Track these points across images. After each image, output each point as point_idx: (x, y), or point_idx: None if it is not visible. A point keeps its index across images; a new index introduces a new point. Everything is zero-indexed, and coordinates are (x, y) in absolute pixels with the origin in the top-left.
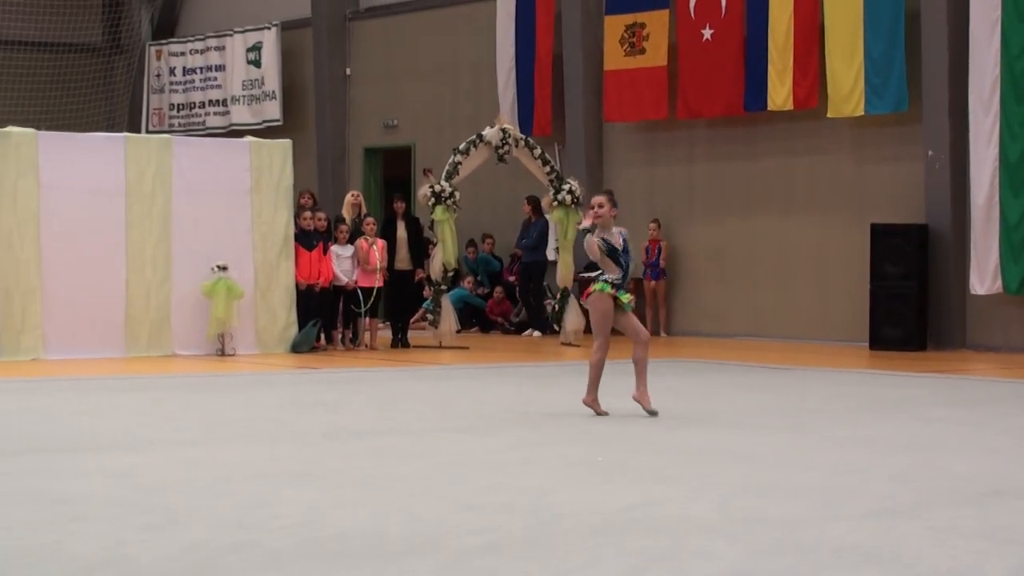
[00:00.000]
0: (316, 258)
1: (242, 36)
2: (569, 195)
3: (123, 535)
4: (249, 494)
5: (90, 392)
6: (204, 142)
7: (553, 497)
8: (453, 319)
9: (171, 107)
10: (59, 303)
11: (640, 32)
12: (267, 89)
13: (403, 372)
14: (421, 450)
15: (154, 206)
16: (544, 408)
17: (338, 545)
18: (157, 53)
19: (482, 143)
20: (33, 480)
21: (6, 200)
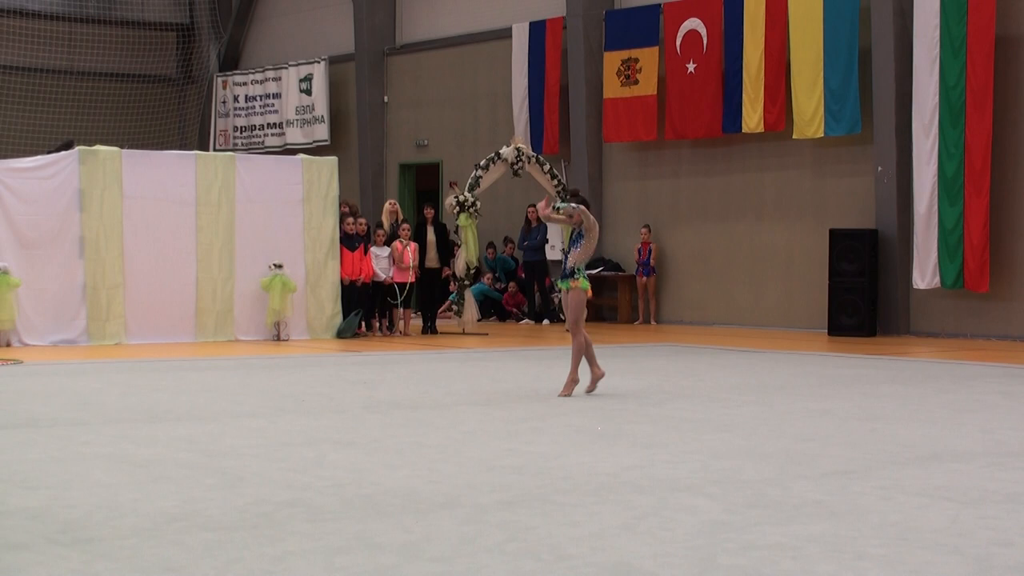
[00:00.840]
0: (358, 258)
1: (296, 68)
2: None
3: (194, 493)
4: (300, 458)
5: (165, 372)
6: (263, 159)
7: (560, 461)
8: (475, 310)
9: (235, 129)
10: (139, 296)
11: (634, 66)
12: (317, 114)
13: (432, 355)
14: (447, 421)
15: (220, 214)
16: (552, 385)
17: (375, 502)
18: (223, 83)
19: (499, 160)
20: (117, 447)
21: (94, 208)
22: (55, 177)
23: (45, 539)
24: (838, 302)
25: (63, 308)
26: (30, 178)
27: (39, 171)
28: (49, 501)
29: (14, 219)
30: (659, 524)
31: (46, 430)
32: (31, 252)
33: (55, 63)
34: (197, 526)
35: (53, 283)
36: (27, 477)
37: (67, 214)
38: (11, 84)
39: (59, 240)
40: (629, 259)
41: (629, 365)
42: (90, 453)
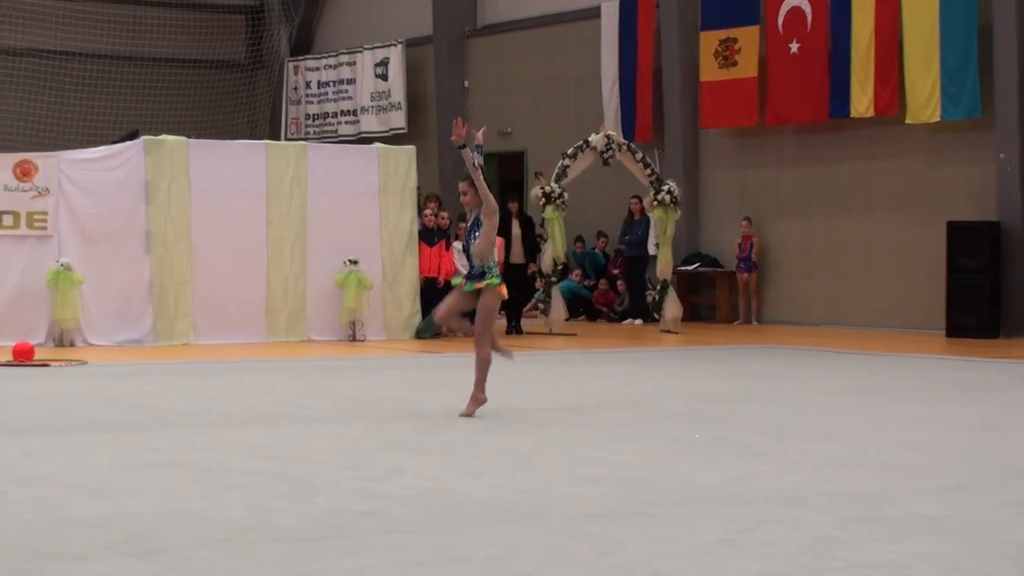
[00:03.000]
0: (437, 253)
1: (371, 52)
2: (668, 195)
3: (266, 502)
4: (377, 466)
5: (235, 373)
6: (336, 148)
7: (654, 470)
8: (562, 308)
9: (307, 117)
10: (207, 293)
11: (733, 46)
12: (393, 100)
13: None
14: (533, 427)
15: (292, 206)
16: (645, 389)
17: (458, 512)
18: (295, 68)
19: (588, 148)
20: (184, 453)
21: (160, 201)
22: (120, 169)
23: (109, 549)
24: (957, 301)
25: (128, 306)
26: (94, 170)
27: (103, 162)
28: (113, 509)
29: (77, 213)
30: (762, 539)
31: (110, 435)
32: (95, 248)
33: (120, 49)
34: (269, 537)
35: (118, 280)
36: (90, 484)
37: (132, 207)
38: (74, 71)
39: (124, 235)
40: (728, 254)
41: (729, 368)
42: (156, 459)
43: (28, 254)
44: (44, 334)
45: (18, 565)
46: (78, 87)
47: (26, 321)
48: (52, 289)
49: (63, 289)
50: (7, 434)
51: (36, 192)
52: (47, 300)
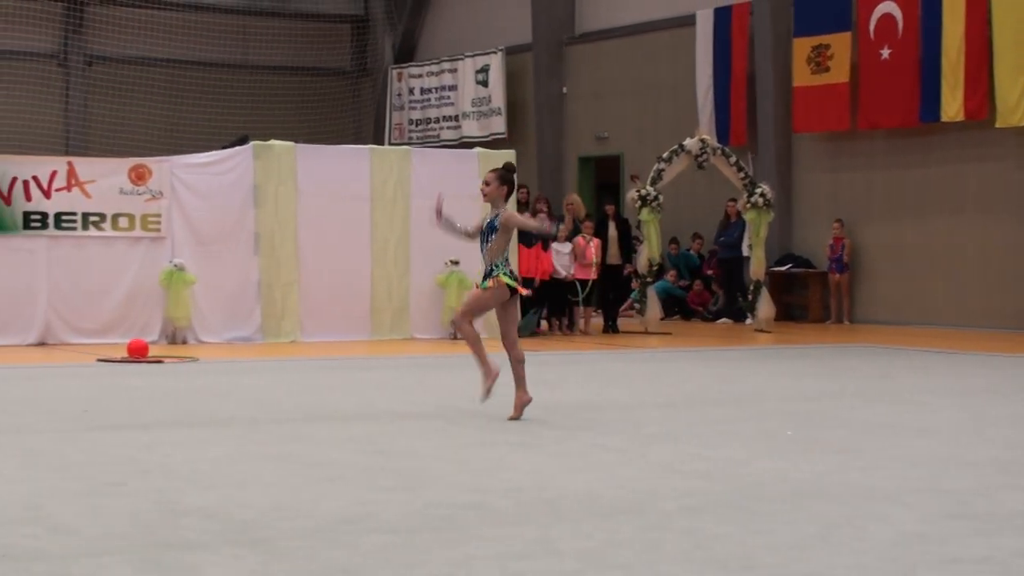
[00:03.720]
0: (535, 254)
1: (472, 59)
2: (761, 198)
3: (370, 494)
4: (478, 460)
5: (340, 370)
6: (438, 153)
7: (749, 466)
8: (658, 308)
9: (410, 122)
10: (313, 293)
11: (825, 52)
12: (493, 106)
13: (613, 355)
14: (630, 423)
15: (395, 209)
16: (739, 387)
17: (556, 506)
18: (398, 75)
19: (683, 152)
20: (291, 446)
21: (268, 204)
22: (230, 173)
23: (221, 539)
24: None
25: (238, 305)
26: (205, 174)
27: (214, 167)
28: (224, 500)
29: (189, 215)
30: (854, 534)
31: (221, 429)
32: (206, 248)
33: (230, 57)
34: (373, 528)
35: (228, 280)
36: (203, 476)
37: (242, 210)
38: (186, 79)
39: (234, 236)
40: (820, 255)
41: (821, 366)
42: (265, 453)
43: (142, 255)
44: (158, 332)
45: (137, 554)
46: (190, 94)
47: (140, 319)
48: (165, 289)
49: (176, 289)
50: (123, 428)
51: (150, 195)
52: (160, 299)
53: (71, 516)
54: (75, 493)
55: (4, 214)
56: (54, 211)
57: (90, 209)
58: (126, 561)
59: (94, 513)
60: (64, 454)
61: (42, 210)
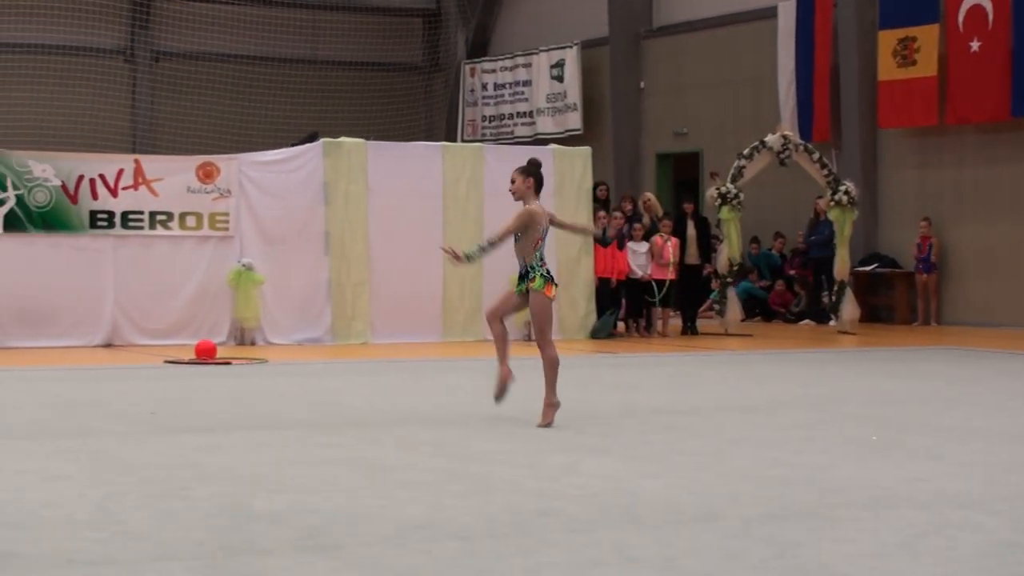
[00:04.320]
0: (611, 254)
1: (547, 54)
2: (845, 196)
3: (442, 500)
4: (553, 465)
5: (412, 372)
6: (512, 150)
7: (831, 472)
8: (738, 309)
9: (483, 119)
10: (384, 293)
11: (912, 45)
12: (569, 101)
13: (692, 357)
14: (709, 428)
15: (468, 207)
16: (822, 390)
17: (633, 513)
18: (471, 70)
19: (764, 148)
20: (361, 450)
21: (338, 202)
22: (300, 170)
23: (290, 545)
24: None
25: (308, 306)
26: (274, 171)
27: (283, 164)
28: (293, 505)
29: (258, 214)
30: (940, 543)
31: (291, 432)
32: (275, 248)
33: (299, 53)
34: (445, 534)
35: (298, 280)
36: (272, 480)
37: (312, 208)
38: (254, 75)
39: (304, 235)
40: (907, 255)
41: (908, 369)
42: (334, 456)
43: (210, 255)
44: (226, 333)
45: (205, 560)
46: (259, 90)
47: (208, 320)
48: (234, 289)
49: (244, 289)
50: (191, 431)
51: (218, 194)
52: (229, 300)
53: (139, 521)
54: (143, 497)
55: (70, 213)
56: (121, 210)
57: (157, 208)
58: (194, 567)
59: (162, 518)
60: (132, 458)
61: (109, 209)
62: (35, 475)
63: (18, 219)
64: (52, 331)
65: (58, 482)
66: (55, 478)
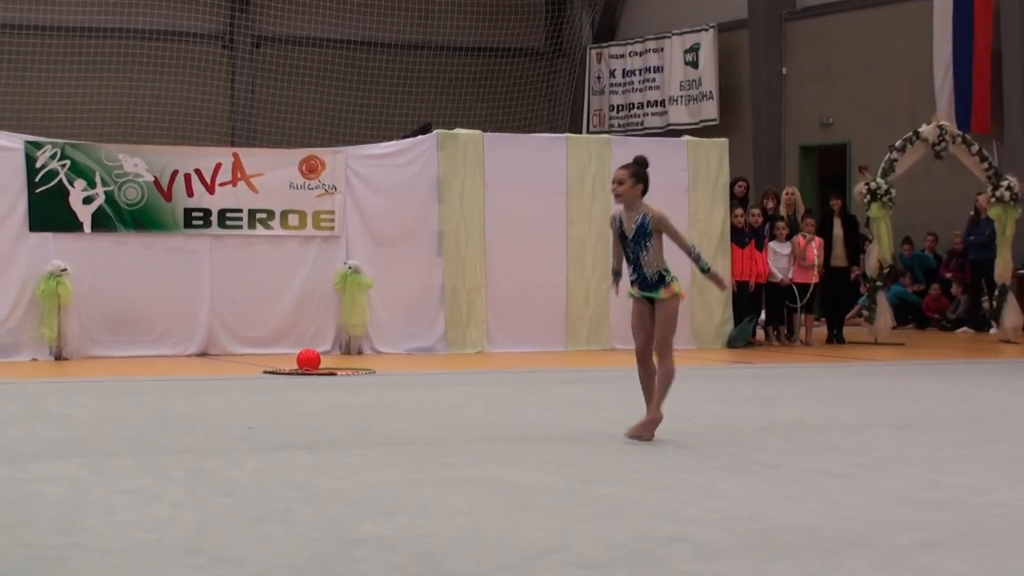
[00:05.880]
0: (748, 255)
1: (680, 38)
2: (1007, 192)
3: (566, 524)
4: (686, 486)
5: (533, 384)
6: (642, 142)
7: (993, 495)
8: (889, 315)
9: (611, 108)
10: (503, 299)
11: None
12: (704, 89)
13: (838, 368)
14: (857, 446)
15: (594, 205)
16: (983, 405)
17: (773, 539)
18: (597, 56)
19: (918, 140)
20: (479, 469)
21: (453, 199)
22: (411, 165)
23: (400, 572)
24: None
25: (419, 312)
26: (384, 166)
27: (394, 158)
28: (404, 529)
29: (366, 212)
30: None
31: (401, 449)
32: (384, 249)
33: (411, 37)
34: (569, 562)
35: (408, 284)
36: (381, 502)
37: (424, 206)
38: (363, 61)
39: (415, 235)
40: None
41: None
42: (450, 476)
43: (314, 256)
44: (331, 341)
45: None
46: (367, 78)
47: (312, 328)
48: (340, 293)
49: (351, 293)
50: (293, 448)
51: (323, 190)
52: (334, 305)
53: (238, 545)
54: (242, 520)
55: (163, 211)
56: (218, 208)
57: (257, 205)
58: None
59: (262, 542)
60: (229, 476)
61: (205, 206)
62: (127, 495)
63: (107, 217)
64: (143, 339)
65: (151, 503)
66: (148, 498)
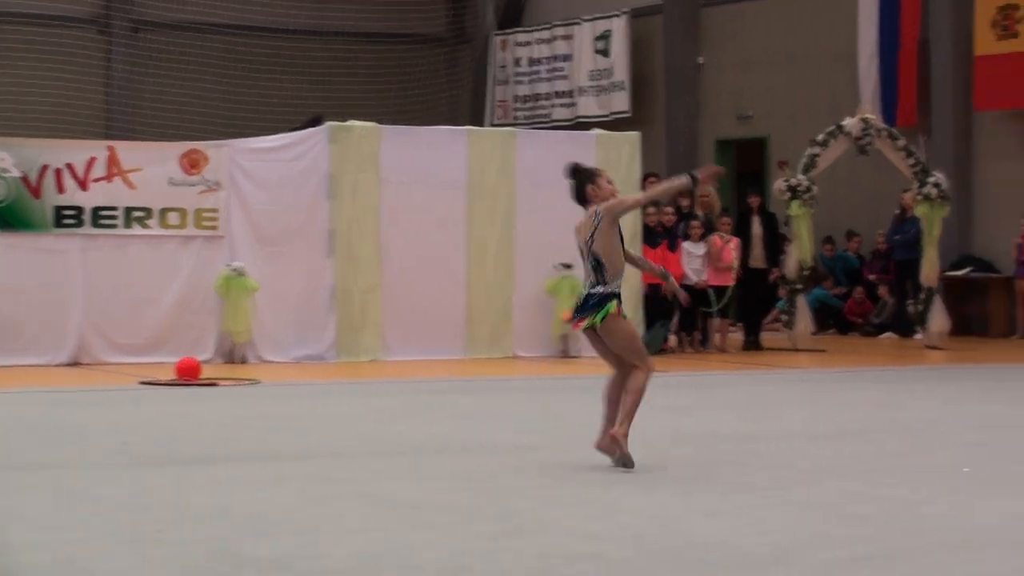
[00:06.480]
0: (660, 256)
1: (590, 24)
2: (934, 189)
3: (470, 543)
4: (593, 501)
5: (430, 395)
6: (549, 135)
7: (918, 509)
8: (809, 320)
9: (516, 99)
10: (398, 303)
11: (1014, 14)
12: (615, 79)
13: (756, 376)
14: (779, 457)
15: (496, 201)
16: (907, 414)
17: (685, 557)
18: (502, 43)
19: (842, 134)
20: (374, 485)
21: (346, 195)
22: (301, 159)
23: None
24: None
25: (308, 317)
26: (271, 160)
27: (282, 152)
28: (292, 550)
29: (252, 210)
30: None
31: (288, 464)
32: (271, 250)
33: (302, 23)
34: None
35: (297, 287)
36: (266, 521)
37: (314, 203)
38: (251, 49)
39: (304, 235)
40: (1005, 257)
41: (1005, 390)
42: (342, 492)
43: (195, 257)
44: (212, 349)
45: None
46: (255, 67)
47: (192, 334)
48: (222, 297)
49: (235, 297)
50: (171, 463)
51: (205, 187)
52: (216, 310)
53: (109, 569)
54: (115, 541)
55: (32, 209)
56: (91, 205)
57: (134, 203)
58: None
59: (138, 566)
60: (101, 494)
61: (77, 204)
62: None
63: None
64: (8, 347)
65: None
66: (10, 518)
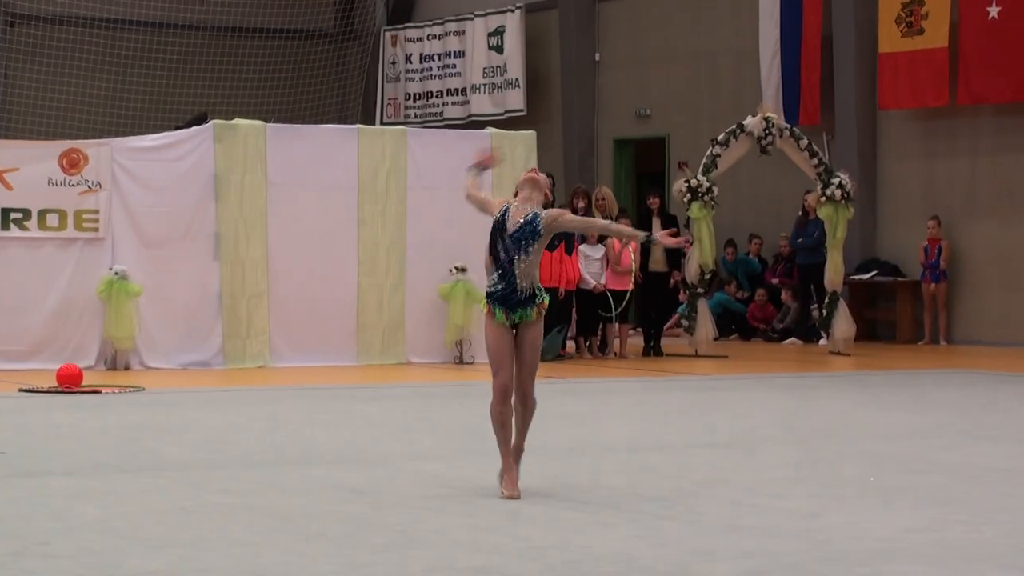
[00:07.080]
0: (556, 259)
1: (483, 20)
2: (839, 190)
3: (359, 555)
4: (488, 512)
5: (320, 402)
6: (442, 134)
7: (820, 520)
8: (711, 325)
9: (407, 97)
10: (287, 307)
11: (918, 10)
12: (510, 77)
13: (656, 382)
14: (676, 467)
15: (388, 203)
16: (810, 423)
17: (585, 570)
18: (392, 39)
19: (743, 134)
20: (261, 496)
21: (232, 197)
22: (185, 159)
23: None
24: None
25: (194, 323)
26: (154, 160)
27: (165, 151)
28: (177, 563)
29: (135, 211)
30: None
31: (173, 474)
32: (155, 253)
33: (186, 17)
34: None
35: (182, 291)
36: (150, 533)
37: (199, 205)
38: (132, 44)
39: (189, 237)
40: (911, 260)
41: (911, 397)
42: (228, 504)
43: (76, 260)
44: (94, 355)
45: None
46: (137, 62)
47: (73, 340)
48: (104, 302)
49: (117, 302)
50: (50, 474)
51: (86, 187)
52: (98, 315)
53: None
54: None
55: None
56: None
57: (11, 204)
58: None
59: None
60: None
61: None
62: None
63: None
64: None
65: None
66: None
